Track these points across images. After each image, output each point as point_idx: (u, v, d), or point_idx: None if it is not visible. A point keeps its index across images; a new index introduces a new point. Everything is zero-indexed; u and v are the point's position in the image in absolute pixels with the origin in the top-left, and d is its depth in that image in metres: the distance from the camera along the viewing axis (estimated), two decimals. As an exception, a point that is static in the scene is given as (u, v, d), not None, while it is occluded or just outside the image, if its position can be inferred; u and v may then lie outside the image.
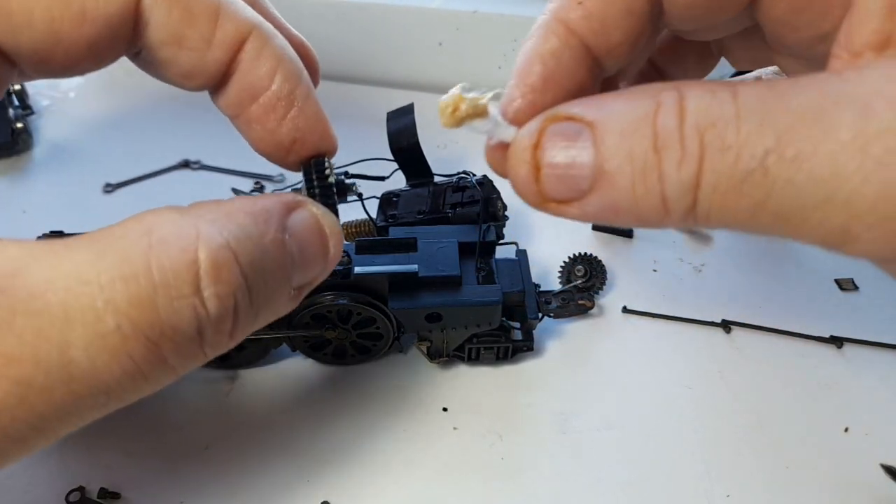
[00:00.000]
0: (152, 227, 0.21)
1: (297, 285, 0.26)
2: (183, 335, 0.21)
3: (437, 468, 0.37)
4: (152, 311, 0.20)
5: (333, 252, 0.27)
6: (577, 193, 0.20)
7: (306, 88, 0.30)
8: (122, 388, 0.21)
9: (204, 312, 0.21)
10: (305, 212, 0.26)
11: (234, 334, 0.23)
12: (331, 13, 0.65)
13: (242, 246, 0.22)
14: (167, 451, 0.38)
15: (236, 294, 0.22)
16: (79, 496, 0.36)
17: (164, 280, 0.21)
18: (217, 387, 0.41)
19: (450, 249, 0.39)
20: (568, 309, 0.43)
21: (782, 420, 0.39)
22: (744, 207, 0.18)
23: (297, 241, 0.25)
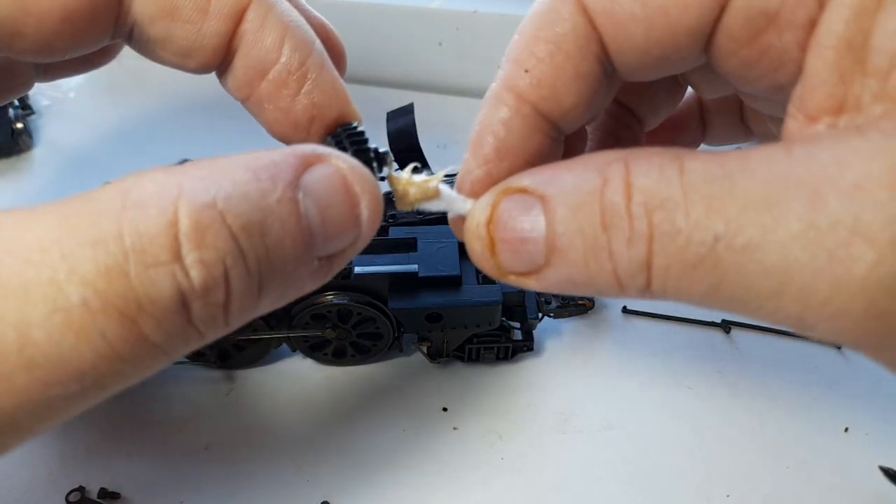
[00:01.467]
0: (130, 187, 0.18)
1: (322, 255, 0.21)
2: (163, 309, 0.18)
3: (437, 468, 0.37)
4: (124, 281, 0.17)
5: (368, 215, 0.22)
6: (533, 266, 0.20)
7: (319, 58, 0.26)
8: (97, 373, 0.18)
9: (186, 282, 0.18)
10: (328, 167, 0.21)
11: (230, 308, 0.19)
12: (331, 13, 0.65)
13: (234, 205, 0.18)
14: (167, 451, 0.38)
15: (225, 261, 0.18)
16: (79, 496, 0.36)
17: (138, 245, 0.17)
18: (217, 387, 0.41)
19: (450, 249, 0.39)
20: (568, 309, 0.43)
21: (782, 420, 0.39)
22: (698, 290, 0.18)
23: (316, 201, 0.20)
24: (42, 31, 0.24)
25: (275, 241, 0.19)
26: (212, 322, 0.19)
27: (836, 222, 0.16)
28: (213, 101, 0.64)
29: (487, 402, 0.40)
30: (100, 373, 0.18)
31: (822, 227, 0.16)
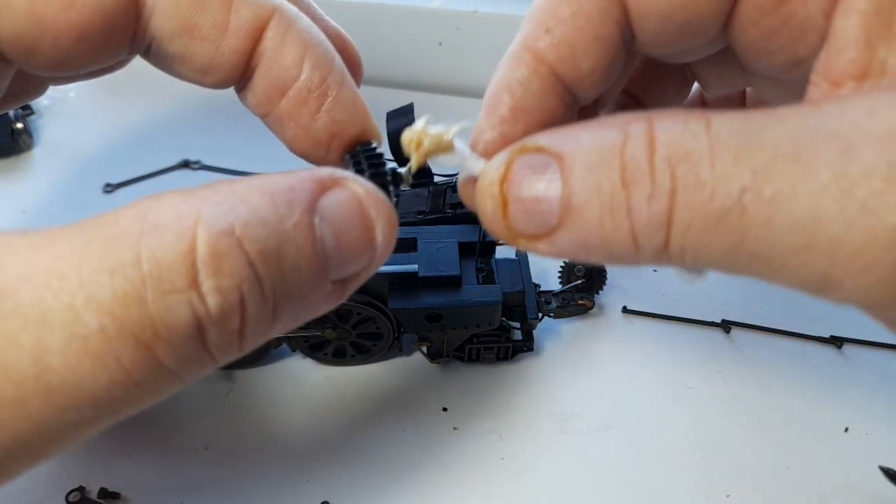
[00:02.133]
0: (147, 211, 0.18)
1: (336, 279, 0.21)
2: (180, 335, 0.18)
3: (437, 468, 0.37)
4: (141, 308, 0.17)
5: (382, 239, 0.22)
6: (545, 229, 0.19)
7: (340, 75, 0.26)
8: (112, 398, 0.18)
9: (203, 309, 0.18)
10: (344, 191, 0.21)
11: (244, 334, 0.19)
12: (331, 13, 0.65)
13: (251, 231, 0.18)
14: (167, 451, 0.38)
15: (242, 287, 0.18)
16: (79, 496, 0.36)
17: (155, 271, 0.17)
18: (217, 387, 0.41)
19: (450, 249, 0.39)
20: (568, 309, 0.43)
21: (782, 420, 0.39)
22: (719, 247, 0.17)
23: (332, 226, 0.20)
24: (58, 48, 0.23)
25: (291, 267, 0.19)
26: (226, 347, 0.19)
27: (869, 171, 0.16)
28: (213, 101, 0.64)
29: (487, 402, 0.40)
30: (114, 398, 0.18)
31: (855, 177, 0.16)
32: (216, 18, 0.24)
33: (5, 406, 0.17)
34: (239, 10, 0.24)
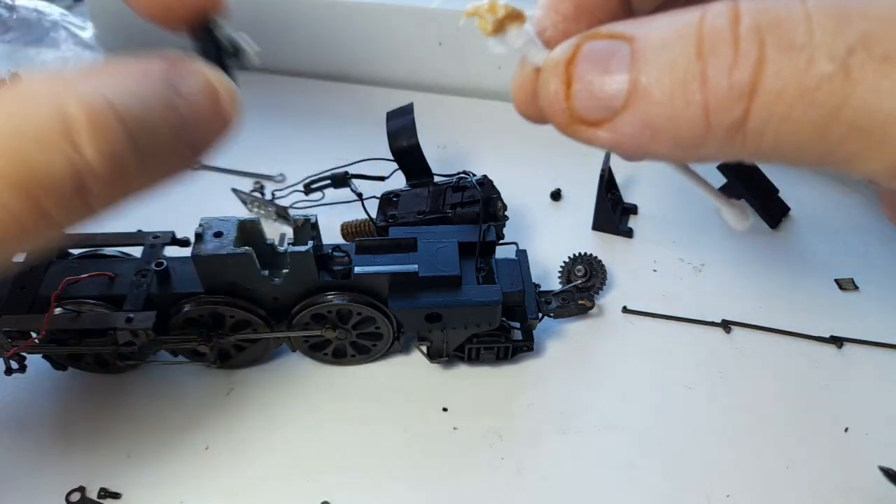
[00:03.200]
0: (22, 86, 0.21)
1: (190, 143, 0.24)
2: (61, 184, 0.21)
3: (437, 468, 0.37)
4: (22, 161, 0.20)
5: (229, 109, 0.25)
6: (609, 112, 0.18)
7: None
8: (3, 240, 0.21)
9: (81, 160, 0.21)
10: (199, 75, 0.25)
11: (125, 187, 0.22)
12: (331, 13, 0.65)
13: (122, 97, 0.21)
14: (167, 451, 0.38)
15: (120, 146, 0.21)
16: (79, 496, 0.36)
17: (33, 131, 0.20)
18: (217, 387, 0.41)
19: (450, 249, 0.39)
20: (568, 309, 0.43)
21: (782, 420, 0.39)
22: (811, 119, 0.16)
23: (185, 97, 0.24)
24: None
25: (155, 127, 0.22)
26: (106, 199, 0.22)
27: None
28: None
29: (487, 402, 0.40)
30: (4, 240, 0.21)
31: None
32: None
33: None
34: None
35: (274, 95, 0.66)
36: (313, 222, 0.37)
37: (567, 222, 0.53)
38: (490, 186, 0.44)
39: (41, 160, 0.20)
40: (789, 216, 0.53)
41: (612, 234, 0.51)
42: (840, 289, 0.47)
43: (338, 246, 0.39)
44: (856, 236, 0.51)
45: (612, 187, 0.52)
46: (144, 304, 0.37)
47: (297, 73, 0.69)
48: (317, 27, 0.66)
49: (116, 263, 0.40)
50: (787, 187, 0.53)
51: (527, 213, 0.53)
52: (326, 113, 0.64)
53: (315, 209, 0.50)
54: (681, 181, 0.59)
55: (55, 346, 0.38)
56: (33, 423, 0.39)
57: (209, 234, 0.36)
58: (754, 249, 0.50)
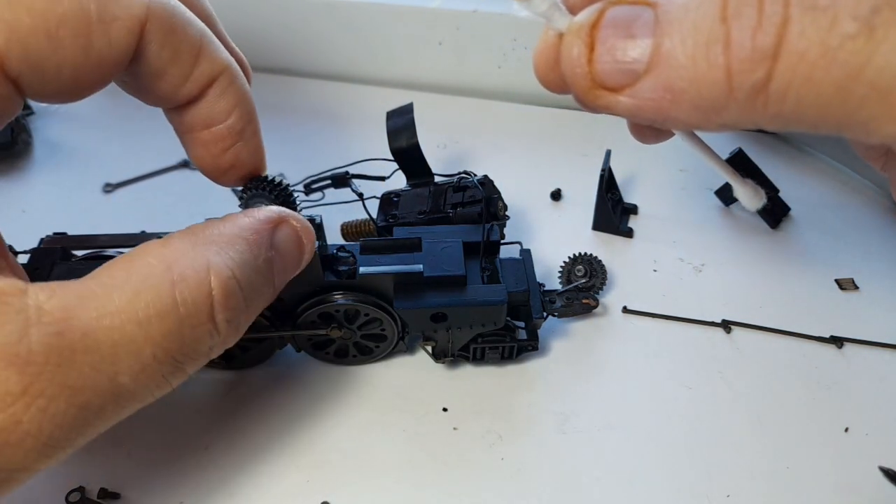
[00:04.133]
0: (171, 262, 0.25)
1: (278, 286, 0.30)
2: (200, 353, 0.26)
3: (437, 468, 0.37)
4: (180, 340, 0.25)
5: (308, 256, 0.32)
6: (630, 77, 0.18)
7: (255, 127, 0.32)
8: (151, 396, 0.26)
9: (217, 334, 0.26)
10: (288, 227, 0.30)
11: (234, 341, 0.28)
12: (331, 13, 0.65)
13: (243, 272, 0.27)
14: (167, 451, 0.38)
15: (240, 316, 0.27)
16: (79, 496, 0.36)
17: (188, 312, 0.25)
18: (217, 387, 0.41)
19: (454, 249, 0.39)
20: (572, 308, 0.43)
21: (782, 420, 0.39)
22: (833, 79, 0.16)
23: (281, 254, 0.30)
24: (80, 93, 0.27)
25: (260, 288, 0.29)
26: (218, 353, 0.28)
27: None
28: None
29: (487, 402, 0.40)
30: (152, 396, 0.26)
31: None
32: (184, 70, 0.29)
33: (93, 413, 0.24)
34: (201, 64, 0.29)
35: (274, 95, 0.66)
36: (318, 222, 0.37)
37: (567, 222, 0.53)
38: (491, 186, 0.44)
39: (192, 338, 0.25)
40: (789, 216, 0.53)
41: (612, 234, 0.51)
42: (840, 289, 0.47)
43: (342, 246, 0.39)
44: (856, 236, 0.51)
45: (612, 187, 0.52)
46: None
47: (297, 73, 0.69)
48: (317, 27, 0.66)
49: None
50: (787, 187, 0.53)
51: (527, 213, 0.53)
52: (326, 113, 0.64)
53: (316, 209, 0.50)
54: (681, 181, 0.59)
55: None
56: (33, 423, 0.39)
57: None
58: (754, 249, 0.50)
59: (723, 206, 0.53)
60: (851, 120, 0.17)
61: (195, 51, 0.29)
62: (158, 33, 0.27)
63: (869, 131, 0.17)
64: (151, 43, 0.27)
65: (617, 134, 0.61)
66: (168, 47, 0.28)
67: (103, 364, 0.23)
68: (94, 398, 0.23)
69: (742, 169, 0.51)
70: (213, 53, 0.30)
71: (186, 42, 0.29)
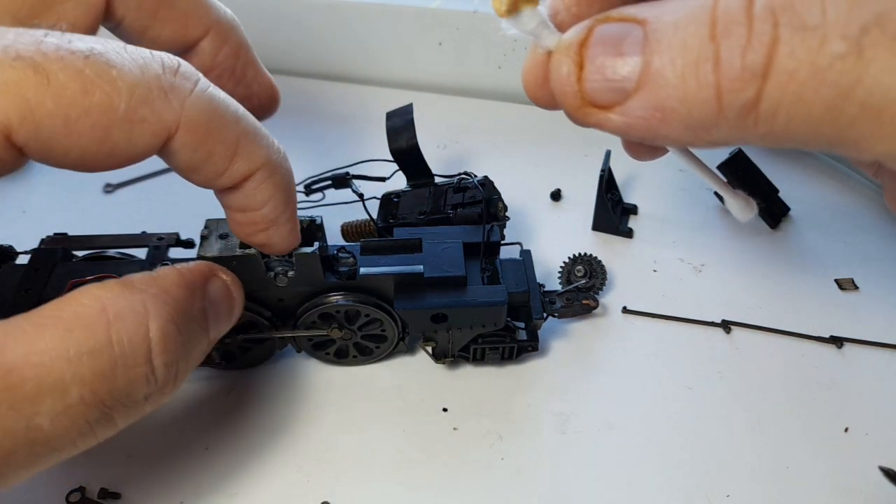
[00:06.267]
0: (107, 303, 0.24)
1: (213, 338, 0.31)
2: (133, 400, 0.25)
3: (437, 468, 0.37)
4: (112, 382, 0.24)
5: (238, 309, 0.33)
6: (620, 95, 0.18)
7: (291, 213, 0.32)
8: (72, 446, 0.24)
9: (154, 380, 0.25)
10: (219, 281, 0.31)
11: (171, 392, 0.27)
12: (331, 14, 0.65)
13: (181, 317, 0.26)
14: (167, 451, 0.38)
15: (179, 362, 0.26)
16: (79, 496, 0.36)
17: (123, 352, 0.24)
18: (217, 387, 0.41)
19: (454, 250, 0.39)
20: (572, 309, 0.43)
21: (782, 420, 0.39)
22: (823, 99, 0.16)
23: (215, 306, 0.30)
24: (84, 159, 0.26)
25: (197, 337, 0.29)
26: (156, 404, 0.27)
27: None
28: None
29: (487, 402, 0.41)
30: (74, 446, 0.25)
31: None
32: (218, 168, 0.29)
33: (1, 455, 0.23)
34: (237, 163, 0.29)
35: (274, 95, 0.66)
36: (319, 223, 0.37)
37: (567, 222, 0.53)
38: (491, 187, 0.44)
39: (126, 380, 0.24)
40: (789, 216, 0.53)
41: (612, 234, 0.51)
42: (840, 289, 0.47)
43: (343, 247, 0.39)
44: (856, 236, 0.51)
45: (612, 187, 0.52)
46: None
47: (297, 73, 0.69)
48: (317, 27, 0.67)
49: (121, 265, 0.40)
50: (787, 187, 0.53)
51: (527, 213, 0.53)
52: (326, 113, 0.64)
53: (316, 210, 0.50)
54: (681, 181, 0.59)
55: None
56: (33, 423, 0.39)
57: (215, 236, 0.36)
58: (754, 249, 0.50)
59: (723, 207, 0.53)
60: (843, 139, 0.17)
61: (231, 151, 0.28)
62: (191, 137, 0.26)
63: (860, 150, 0.17)
64: (183, 147, 0.27)
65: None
66: (202, 150, 0.27)
67: (23, 403, 0.22)
68: (5, 439, 0.22)
69: (742, 169, 0.51)
70: (251, 152, 0.29)
71: (222, 144, 0.28)
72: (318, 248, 0.36)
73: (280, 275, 0.37)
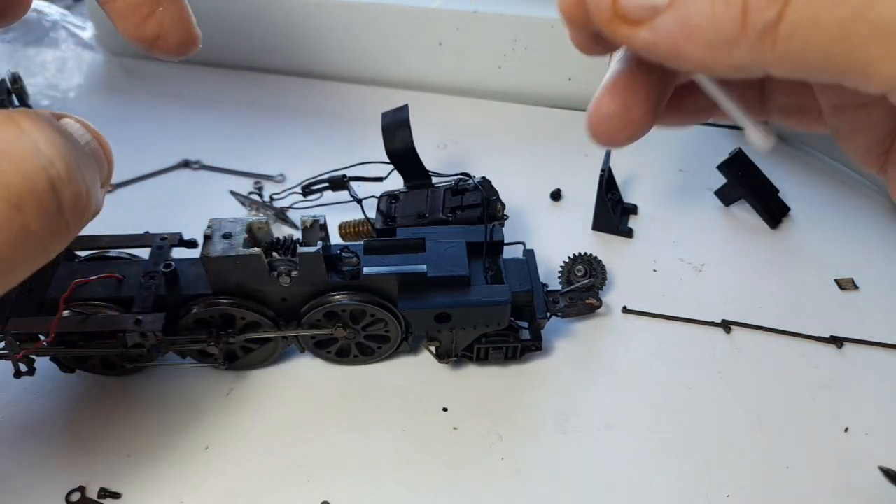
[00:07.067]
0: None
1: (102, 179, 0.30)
2: (40, 194, 0.23)
3: (437, 468, 0.37)
4: (2, 176, 0.22)
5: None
6: (651, 11, 0.19)
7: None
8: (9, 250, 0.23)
9: (54, 170, 0.24)
10: (72, 120, 0.29)
11: (89, 198, 0.26)
12: (331, 13, 0.65)
13: (53, 126, 0.25)
14: (167, 451, 0.38)
15: (73, 156, 0.25)
16: (79, 496, 0.36)
17: (2, 150, 0.23)
18: (217, 387, 0.41)
19: (458, 249, 0.39)
20: (576, 308, 0.43)
21: (782, 420, 0.39)
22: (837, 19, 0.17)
23: (89, 143, 0.29)
24: None
25: (85, 155, 0.27)
26: (76, 213, 0.25)
27: None
28: (213, 101, 0.64)
29: (487, 402, 0.40)
30: (17, 256, 0.23)
31: None
32: None
33: None
34: None
35: (274, 95, 0.66)
36: (322, 223, 0.37)
37: (567, 222, 0.53)
38: (489, 187, 0.44)
39: (21, 172, 0.23)
40: (789, 216, 0.53)
41: (612, 234, 0.51)
42: (840, 289, 0.47)
43: (346, 246, 0.39)
44: (856, 236, 0.51)
45: (612, 187, 0.52)
46: (153, 306, 0.37)
47: (297, 73, 0.69)
48: (317, 27, 0.66)
49: (124, 265, 0.40)
50: (787, 187, 0.53)
51: (527, 213, 0.53)
52: (326, 113, 0.64)
53: (315, 210, 0.50)
54: (681, 181, 0.59)
55: (64, 348, 0.38)
56: (33, 423, 0.39)
57: (218, 236, 0.36)
58: (754, 249, 0.50)
59: (723, 206, 0.53)
60: (853, 61, 0.18)
61: None
62: None
63: (868, 74, 0.18)
64: None
65: (617, 134, 0.61)
66: None
67: None
68: None
69: (742, 169, 0.51)
70: None
71: None
72: (322, 247, 0.36)
73: (283, 274, 0.37)
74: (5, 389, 0.41)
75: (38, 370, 0.39)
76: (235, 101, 0.64)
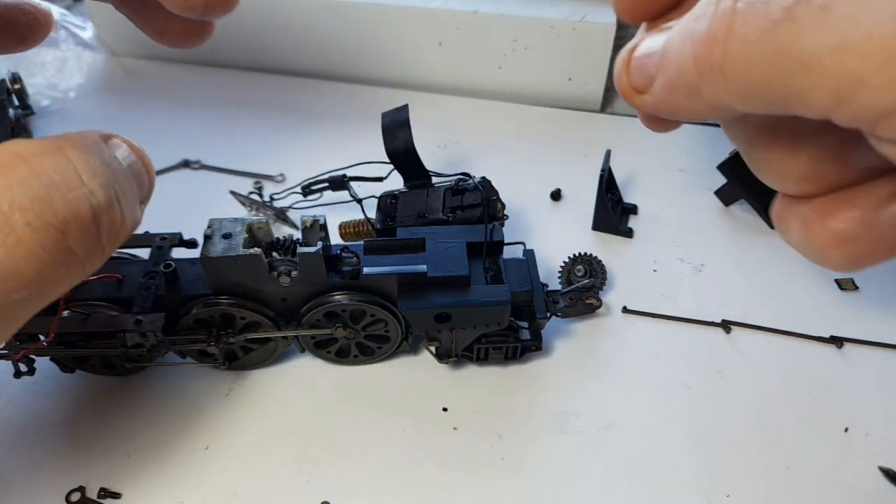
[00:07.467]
0: (16, 147, 0.24)
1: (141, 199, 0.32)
2: (83, 221, 0.25)
3: (437, 468, 0.37)
4: (52, 204, 0.24)
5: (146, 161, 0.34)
6: (649, 81, 0.24)
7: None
8: (41, 279, 0.24)
9: (95, 200, 0.25)
10: (119, 140, 0.31)
11: (124, 222, 0.27)
12: (331, 13, 0.65)
13: (95, 148, 0.27)
14: (167, 451, 0.38)
15: (113, 185, 0.26)
16: (79, 496, 0.36)
17: (52, 179, 0.24)
18: (217, 387, 0.41)
19: (458, 249, 0.39)
20: (576, 308, 0.43)
21: (782, 420, 0.39)
22: (767, 55, 0.20)
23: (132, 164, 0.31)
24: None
25: (125, 180, 0.29)
26: (112, 236, 0.27)
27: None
28: (213, 101, 0.64)
29: (488, 402, 0.41)
30: (42, 279, 0.24)
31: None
32: None
33: None
34: None
35: (274, 95, 0.66)
36: (322, 223, 0.37)
37: (567, 222, 0.53)
38: (489, 187, 0.44)
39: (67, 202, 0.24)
40: (789, 216, 0.53)
41: (612, 234, 0.51)
42: (840, 289, 0.47)
43: (346, 246, 0.39)
44: (856, 236, 0.51)
45: (612, 187, 0.52)
46: (153, 306, 0.37)
47: (298, 73, 0.69)
48: (317, 27, 0.66)
49: (124, 265, 0.40)
50: (787, 187, 0.53)
51: (527, 213, 0.53)
52: (326, 113, 0.64)
53: (314, 209, 0.50)
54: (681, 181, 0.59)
55: (64, 348, 0.38)
56: (33, 423, 0.39)
57: (218, 236, 0.36)
58: (754, 249, 0.50)
59: (723, 207, 0.53)
60: (789, 92, 0.20)
61: None
62: None
63: (804, 102, 0.20)
64: None
65: (617, 134, 0.61)
66: None
67: None
68: None
69: (742, 169, 0.51)
70: None
71: None
72: (322, 247, 0.36)
73: (283, 274, 0.37)
74: (5, 389, 0.41)
75: (38, 370, 0.39)
76: (235, 101, 0.64)
